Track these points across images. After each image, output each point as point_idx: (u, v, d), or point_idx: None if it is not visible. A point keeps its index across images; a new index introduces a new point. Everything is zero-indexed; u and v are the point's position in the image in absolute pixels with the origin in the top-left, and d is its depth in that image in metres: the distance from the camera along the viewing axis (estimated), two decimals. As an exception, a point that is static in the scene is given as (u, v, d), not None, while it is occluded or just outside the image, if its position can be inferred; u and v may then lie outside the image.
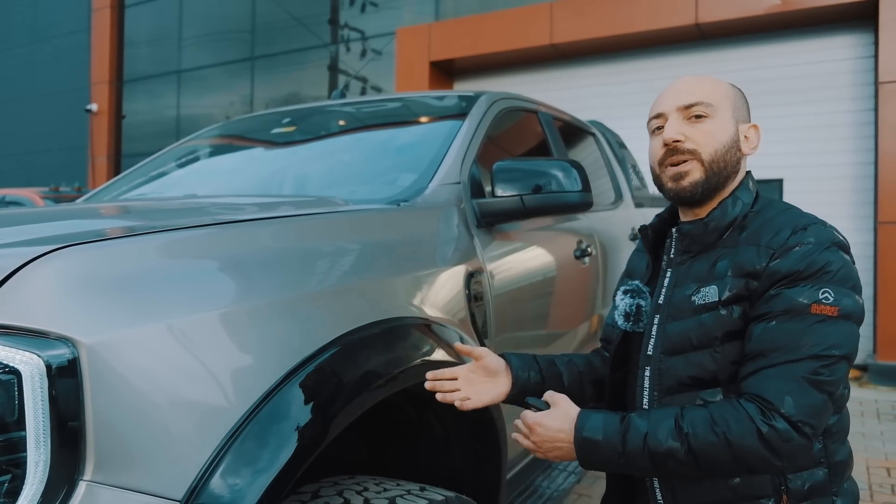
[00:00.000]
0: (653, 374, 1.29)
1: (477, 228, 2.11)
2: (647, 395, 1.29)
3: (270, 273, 1.32)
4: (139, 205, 2.13)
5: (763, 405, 1.10)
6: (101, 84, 13.01)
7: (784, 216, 1.26)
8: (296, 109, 3.17)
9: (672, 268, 1.35)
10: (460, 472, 1.85)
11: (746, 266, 1.21)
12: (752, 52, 7.31)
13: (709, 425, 1.11)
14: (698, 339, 1.24)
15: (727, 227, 1.30)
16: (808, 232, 1.20)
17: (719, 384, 1.23)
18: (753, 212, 1.31)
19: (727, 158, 1.31)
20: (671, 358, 1.27)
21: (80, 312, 1.00)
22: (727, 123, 1.33)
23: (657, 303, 1.34)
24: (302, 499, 1.39)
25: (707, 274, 1.27)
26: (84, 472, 0.95)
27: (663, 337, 1.29)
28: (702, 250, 1.32)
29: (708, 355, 1.23)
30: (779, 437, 1.08)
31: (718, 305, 1.22)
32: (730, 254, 1.26)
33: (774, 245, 1.20)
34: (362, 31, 10.42)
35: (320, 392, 1.23)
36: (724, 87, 1.36)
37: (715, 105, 1.32)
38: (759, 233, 1.25)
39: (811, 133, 6.94)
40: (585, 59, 8.24)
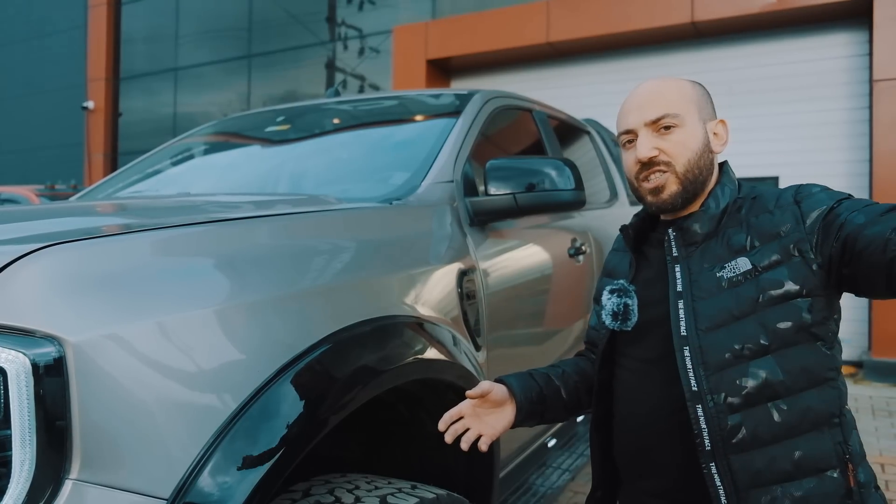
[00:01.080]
0: (693, 353, 1.23)
1: (470, 227, 2.11)
2: (693, 374, 1.22)
3: (261, 271, 1.32)
4: (132, 202, 2.13)
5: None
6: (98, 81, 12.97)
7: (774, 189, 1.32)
8: (290, 107, 3.17)
9: (679, 263, 1.32)
10: (453, 470, 1.85)
11: (770, 230, 1.24)
12: (747, 51, 7.32)
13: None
14: (739, 308, 1.22)
15: (723, 211, 1.33)
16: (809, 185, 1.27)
17: (769, 352, 1.19)
18: (742, 197, 1.35)
19: (701, 164, 1.33)
20: (712, 333, 1.23)
21: (66, 311, 1.00)
22: (696, 129, 1.34)
23: (676, 290, 1.29)
24: (293, 497, 1.39)
25: (725, 253, 1.28)
26: (70, 470, 0.95)
27: (696, 316, 1.25)
28: (706, 237, 1.32)
29: (752, 322, 1.20)
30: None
31: (755, 272, 1.22)
32: (740, 230, 1.28)
33: (785, 203, 1.26)
34: (359, 28, 10.41)
35: (310, 390, 1.23)
36: (686, 90, 1.36)
37: (681, 114, 1.33)
38: (761, 204, 1.29)
39: (806, 131, 6.94)
40: (582, 58, 8.24)
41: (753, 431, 1.19)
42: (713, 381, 1.21)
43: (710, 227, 1.32)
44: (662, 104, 1.33)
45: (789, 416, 1.19)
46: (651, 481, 1.39)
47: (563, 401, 1.53)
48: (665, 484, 1.36)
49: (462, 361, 1.76)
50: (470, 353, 1.85)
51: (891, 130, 6.23)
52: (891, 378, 6.00)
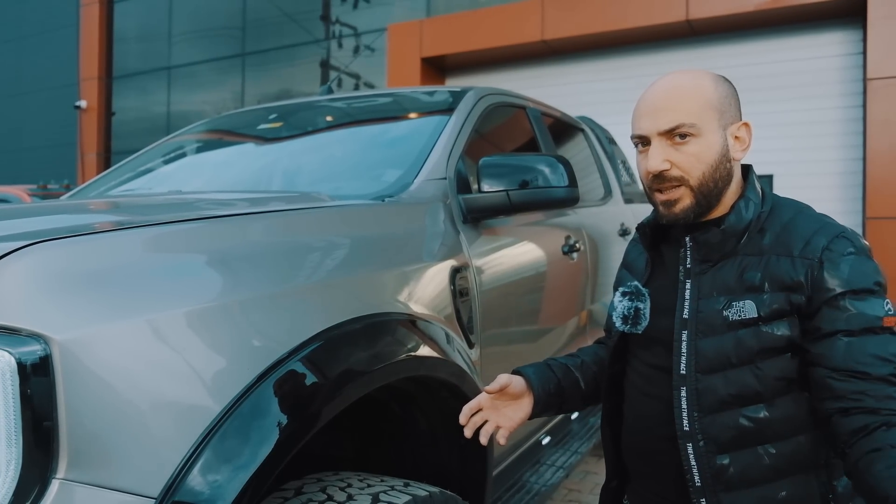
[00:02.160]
0: (690, 394, 1.23)
1: (463, 224, 2.11)
2: (687, 415, 1.23)
3: (252, 268, 1.31)
4: (123, 200, 2.12)
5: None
6: (91, 80, 12.93)
7: (804, 219, 1.24)
8: (283, 105, 3.15)
9: (691, 278, 1.29)
10: (446, 467, 1.84)
11: (785, 279, 1.17)
12: (742, 49, 7.33)
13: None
14: (737, 356, 1.20)
15: (744, 231, 1.25)
16: (844, 240, 1.18)
17: (762, 400, 1.20)
18: (765, 211, 1.27)
19: (717, 176, 1.25)
20: (709, 376, 1.23)
21: (52, 309, 0.99)
22: (714, 139, 1.25)
23: (682, 317, 1.27)
24: (285, 495, 1.38)
25: (736, 285, 1.22)
26: (57, 470, 0.94)
27: (696, 354, 1.24)
28: (722, 257, 1.26)
29: (749, 372, 1.20)
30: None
31: (758, 322, 1.19)
32: (758, 263, 1.22)
33: (811, 255, 1.17)
34: (354, 27, 10.40)
35: (301, 387, 1.23)
36: (707, 93, 1.26)
37: (698, 123, 1.23)
38: (787, 240, 1.21)
39: (801, 129, 6.96)
40: (577, 56, 8.25)
41: (742, 472, 1.21)
42: (705, 423, 1.22)
43: (729, 247, 1.26)
44: (678, 112, 1.24)
45: (777, 460, 1.21)
46: (656, 482, 1.38)
47: (580, 391, 1.53)
48: (668, 487, 1.35)
49: (455, 359, 1.75)
50: (463, 350, 1.85)
51: (884, 129, 6.25)
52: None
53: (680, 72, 1.31)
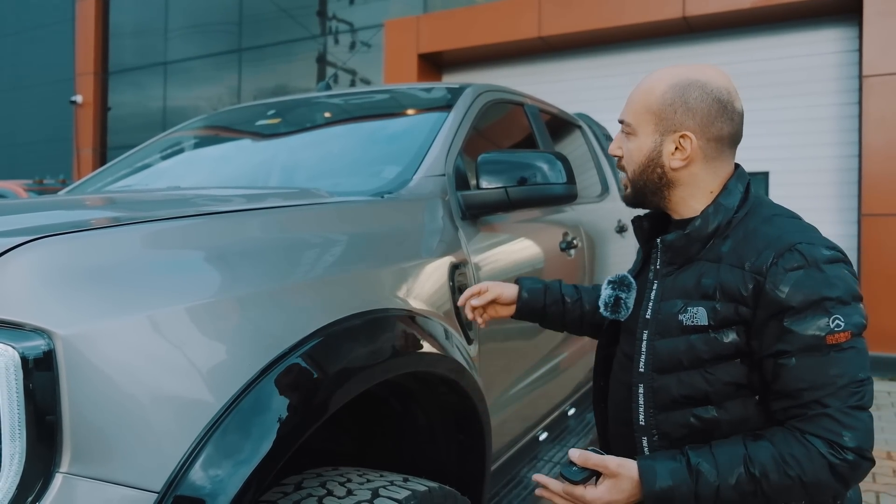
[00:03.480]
0: (646, 392, 1.29)
1: (462, 220, 2.11)
2: (643, 411, 1.29)
3: (252, 264, 1.32)
4: (121, 196, 2.12)
5: (827, 441, 1.11)
6: (86, 75, 12.88)
7: (767, 228, 1.22)
8: (281, 101, 3.15)
9: (658, 279, 1.34)
10: (445, 463, 1.85)
11: (733, 291, 1.19)
12: (738, 46, 7.34)
13: (780, 468, 1.11)
14: (689, 360, 1.23)
15: (709, 236, 1.27)
16: (793, 254, 1.16)
17: (711, 402, 1.23)
18: (738, 218, 1.27)
19: (645, 178, 1.32)
20: (663, 376, 1.27)
21: (56, 304, 0.99)
22: (644, 142, 1.31)
23: (644, 317, 1.32)
24: (285, 490, 1.39)
25: (693, 289, 1.25)
26: (60, 464, 0.95)
27: (653, 355, 1.28)
28: (686, 262, 1.30)
29: (699, 375, 1.23)
30: (850, 468, 1.11)
31: (709, 329, 1.21)
32: (714, 271, 1.23)
33: (758, 269, 1.17)
34: (350, 22, 10.37)
35: (302, 383, 1.23)
36: (653, 98, 1.29)
37: (634, 124, 1.32)
38: (742, 251, 1.21)
39: (796, 126, 6.98)
40: (574, 52, 8.24)
41: None
42: (660, 419, 1.28)
43: (694, 252, 1.28)
44: (627, 109, 1.35)
45: None
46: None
47: (560, 321, 1.69)
48: None
49: (454, 355, 1.76)
50: (462, 346, 1.86)
51: (880, 126, 6.26)
52: (879, 372, 6.05)
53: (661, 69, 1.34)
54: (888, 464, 3.95)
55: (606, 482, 1.19)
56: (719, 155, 1.30)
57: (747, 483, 1.11)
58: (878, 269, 6.20)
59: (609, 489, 1.18)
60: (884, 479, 3.71)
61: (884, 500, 3.44)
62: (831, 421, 1.11)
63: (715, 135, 1.27)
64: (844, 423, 1.10)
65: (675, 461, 1.16)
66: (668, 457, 1.19)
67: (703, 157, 1.28)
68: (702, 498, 1.13)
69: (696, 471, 1.14)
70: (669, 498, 1.14)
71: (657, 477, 1.15)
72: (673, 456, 1.18)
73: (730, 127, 1.28)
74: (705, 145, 1.28)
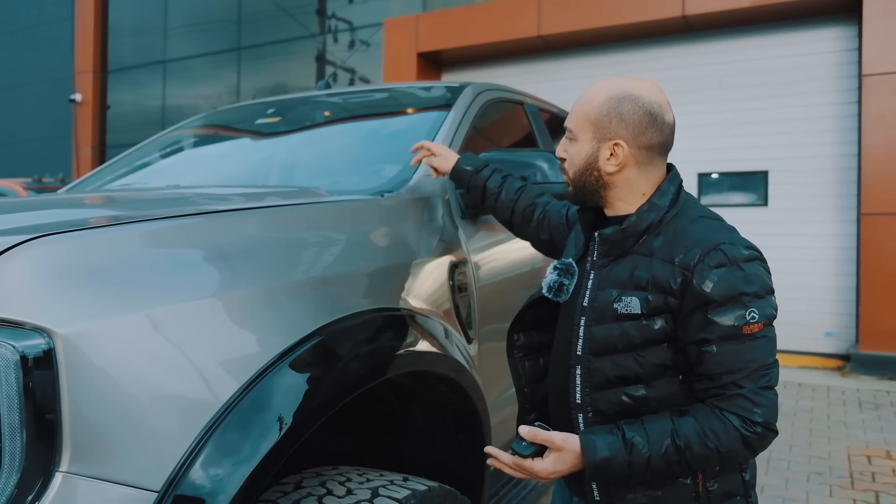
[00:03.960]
0: (583, 373, 1.40)
1: (461, 219, 2.11)
2: (580, 391, 1.41)
3: (252, 263, 1.32)
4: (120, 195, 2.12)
5: (741, 417, 1.27)
6: (86, 73, 12.87)
7: (694, 229, 1.35)
8: (280, 100, 3.15)
9: (595, 270, 1.45)
10: (444, 462, 1.85)
11: (663, 283, 1.32)
12: (737, 45, 7.34)
13: (701, 440, 1.27)
14: (622, 344, 1.35)
15: (643, 232, 1.38)
16: (717, 253, 1.29)
17: (641, 382, 1.36)
18: (669, 216, 1.39)
19: (584, 179, 1.44)
20: (598, 359, 1.38)
21: (56, 303, 0.99)
22: (584, 147, 1.43)
23: (581, 305, 1.43)
24: (284, 489, 1.39)
25: (627, 280, 1.37)
26: (60, 463, 0.95)
27: (589, 339, 1.40)
28: (620, 255, 1.41)
29: (631, 358, 1.35)
30: (758, 439, 1.28)
31: (641, 316, 1.33)
32: (646, 264, 1.35)
33: (685, 265, 1.30)
34: (350, 21, 10.37)
35: (301, 382, 1.23)
36: (591, 107, 1.41)
37: (575, 130, 1.44)
38: (672, 247, 1.33)
39: (796, 125, 6.98)
40: (573, 51, 8.24)
41: None
42: (595, 397, 1.40)
43: (628, 246, 1.40)
44: (570, 117, 1.46)
45: None
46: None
47: (483, 204, 1.94)
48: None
49: (454, 354, 1.76)
50: (461, 345, 1.86)
51: (879, 125, 6.27)
52: (877, 371, 6.05)
53: (601, 81, 1.46)
54: (888, 463, 3.96)
55: (552, 455, 1.32)
56: (650, 161, 1.41)
57: (674, 453, 1.27)
58: (877, 269, 6.21)
59: (554, 461, 1.32)
60: (883, 479, 3.72)
61: (883, 499, 3.45)
62: (745, 400, 1.27)
63: (646, 143, 1.39)
64: (755, 402, 1.27)
65: (612, 435, 1.31)
66: (605, 431, 1.33)
67: (636, 163, 1.40)
68: (635, 466, 1.28)
69: (630, 443, 1.28)
70: (607, 467, 1.29)
71: (597, 449, 1.29)
72: (610, 430, 1.32)
73: (660, 137, 1.40)
74: (637, 153, 1.39)
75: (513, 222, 1.89)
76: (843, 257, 6.71)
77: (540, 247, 1.87)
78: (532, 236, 1.86)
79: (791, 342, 6.80)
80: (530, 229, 1.85)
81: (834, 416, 4.89)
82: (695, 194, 7.26)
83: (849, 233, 6.67)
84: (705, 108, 7.38)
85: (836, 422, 4.76)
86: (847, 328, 6.67)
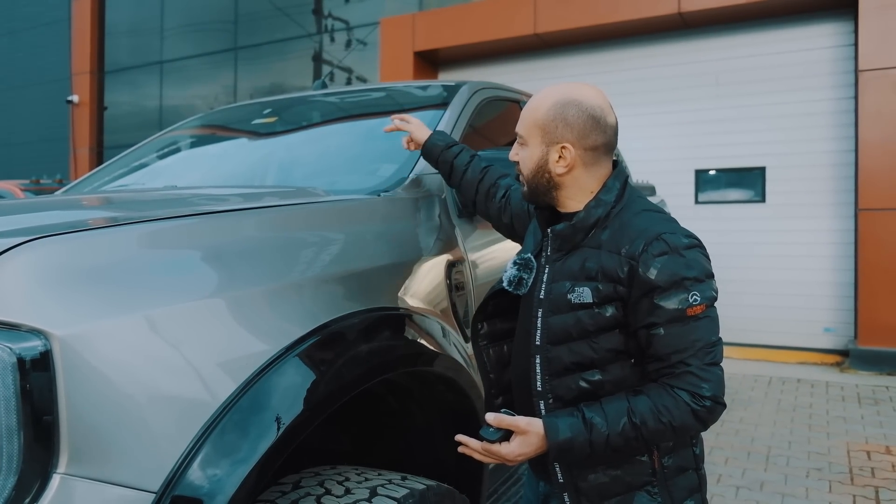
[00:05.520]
0: (542, 361, 1.47)
1: (458, 218, 2.12)
2: (540, 378, 1.47)
3: (249, 263, 1.32)
4: (117, 196, 2.11)
5: (690, 392, 1.35)
6: (83, 75, 12.85)
7: (639, 221, 1.43)
8: (277, 100, 3.15)
9: (549, 264, 1.51)
10: (443, 461, 1.85)
11: (612, 273, 1.39)
12: (733, 41, 7.34)
13: (655, 416, 1.35)
14: (577, 332, 1.43)
15: (591, 226, 1.46)
16: (659, 242, 1.37)
17: (596, 367, 1.43)
18: (615, 211, 1.47)
19: (537, 181, 1.51)
20: (556, 347, 1.46)
21: (52, 304, 0.99)
22: (534, 151, 1.51)
23: (538, 297, 1.50)
24: (283, 489, 1.39)
25: (578, 272, 1.44)
26: (58, 464, 0.95)
27: (547, 329, 1.47)
28: (572, 248, 1.48)
29: (586, 345, 1.43)
30: (708, 412, 1.36)
31: (593, 305, 1.41)
32: (596, 256, 1.43)
33: (631, 255, 1.38)
34: (346, 21, 10.36)
35: (299, 382, 1.23)
36: (539, 113, 1.49)
37: (525, 136, 1.52)
38: (619, 239, 1.41)
39: (793, 121, 6.98)
40: (569, 49, 8.24)
41: None
42: (554, 384, 1.46)
43: (578, 240, 1.47)
44: (520, 123, 1.54)
45: None
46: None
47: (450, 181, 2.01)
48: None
49: (451, 353, 1.76)
50: (459, 344, 1.86)
51: (876, 120, 6.27)
52: (876, 366, 6.06)
53: (547, 88, 1.53)
54: (887, 458, 3.96)
55: (518, 438, 1.40)
56: (596, 161, 1.49)
57: (630, 430, 1.35)
58: (874, 264, 6.21)
59: (520, 444, 1.40)
60: (883, 474, 3.73)
61: (883, 495, 3.46)
62: (693, 377, 1.35)
63: (591, 145, 1.47)
64: (703, 377, 1.35)
65: (572, 417, 1.39)
66: (566, 413, 1.41)
67: (583, 164, 1.48)
68: (595, 444, 1.36)
69: (590, 423, 1.37)
70: (570, 447, 1.37)
71: (559, 430, 1.37)
72: (571, 413, 1.40)
73: (603, 138, 1.48)
74: (583, 154, 1.47)
75: (476, 200, 1.96)
76: (840, 253, 6.72)
77: (502, 229, 1.93)
78: (494, 217, 1.92)
79: (790, 338, 6.81)
80: (493, 209, 1.91)
81: (833, 412, 4.89)
82: (692, 191, 7.34)
83: (846, 228, 6.67)
84: (702, 104, 7.38)
85: (836, 417, 4.77)
86: (845, 324, 6.68)
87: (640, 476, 1.45)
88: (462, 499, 1.63)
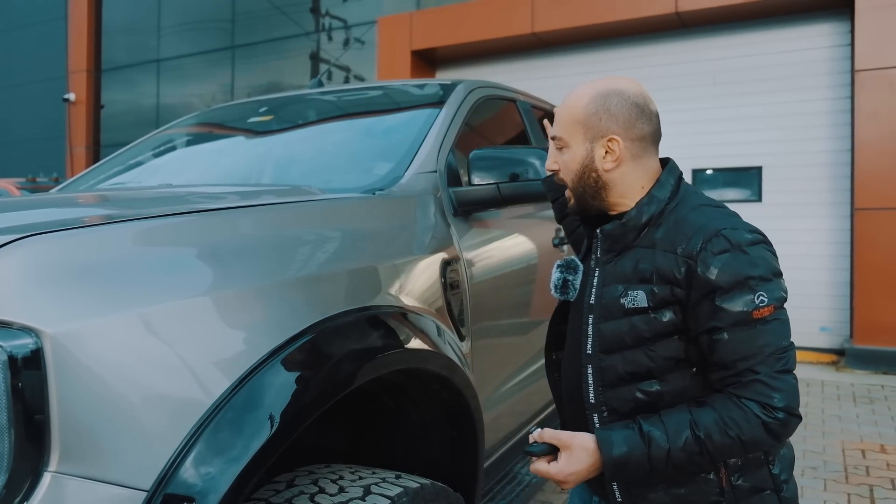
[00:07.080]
0: (594, 371, 1.38)
1: (454, 217, 2.11)
2: (593, 389, 1.38)
3: (243, 262, 1.31)
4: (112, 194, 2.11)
5: (760, 403, 1.23)
6: (79, 73, 12.82)
7: (695, 216, 1.33)
8: (273, 98, 3.15)
9: (599, 267, 1.43)
10: (437, 460, 1.85)
11: (668, 274, 1.29)
12: (731, 41, 7.34)
13: (721, 429, 1.23)
14: (632, 339, 1.33)
15: (644, 225, 1.37)
16: (720, 239, 1.26)
17: (654, 376, 1.33)
18: (670, 208, 1.37)
19: (584, 183, 1.41)
20: (609, 356, 1.36)
21: (44, 302, 0.99)
22: (577, 151, 1.41)
23: (589, 303, 1.42)
24: (277, 487, 1.39)
25: (631, 274, 1.35)
26: (49, 463, 0.94)
27: (599, 337, 1.38)
28: (624, 248, 1.39)
29: (642, 353, 1.33)
30: (781, 425, 1.23)
31: (649, 310, 1.31)
32: (649, 256, 1.33)
33: (688, 253, 1.28)
34: (344, 19, 10.35)
35: (293, 380, 1.23)
36: (578, 109, 1.41)
37: (566, 137, 1.42)
38: (674, 237, 1.32)
39: (789, 121, 6.99)
40: (567, 48, 8.24)
41: None
42: (608, 396, 1.37)
43: (630, 239, 1.38)
44: (556, 124, 1.45)
45: None
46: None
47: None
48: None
49: (446, 351, 1.76)
50: (454, 343, 1.86)
51: (872, 120, 6.28)
52: (872, 365, 6.07)
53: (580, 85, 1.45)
54: (881, 457, 3.97)
55: (563, 455, 1.31)
56: (644, 153, 1.40)
57: (694, 444, 1.24)
58: (870, 263, 6.22)
59: (567, 461, 1.30)
60: (877, 473, 3.73)
61: (877, 493, 3.46)
62: (762, 385, 1.23)
63: (638, 135, 1.38)
64: (774, 387, 1.23)
65: (628, 429, 1.28)
66: (622, 426, 1.30)
67: (631, 157, 1.39)
68: (654, 460, 1.25)
69: (648, 437, 1.26)
70: (626, 463, 1.26)
71: (613, 445, 1.27)
72: (626, 425, 1.30)
73: (649, 126, 1.40)
74: (631, 145, 1.38)
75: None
76: (837, 252, 6.73)
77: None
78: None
79: (786, 337, 6.81)
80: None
81: (828, 411, 4.90)
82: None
83: (842, 228, 6.68)
84: (699, 104, 7.38)
85: (831, 416, 4.78)
86: (841, 323, 6.69)
87: (707, 496, 1.32)
88: (456, 497, 1.62)
